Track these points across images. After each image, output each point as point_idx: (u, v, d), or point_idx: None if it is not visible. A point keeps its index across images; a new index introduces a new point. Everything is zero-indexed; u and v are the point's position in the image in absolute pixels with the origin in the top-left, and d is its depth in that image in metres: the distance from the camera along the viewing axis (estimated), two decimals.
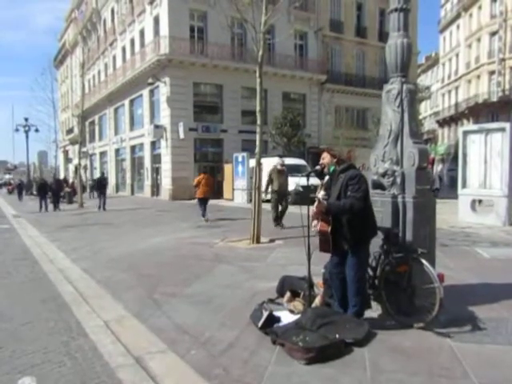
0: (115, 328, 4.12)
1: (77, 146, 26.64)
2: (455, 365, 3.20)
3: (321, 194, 3.93)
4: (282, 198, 10.99)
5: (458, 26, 44.50)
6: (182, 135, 24.07)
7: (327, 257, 4.17)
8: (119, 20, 32.20)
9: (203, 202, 13.14)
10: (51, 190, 19.86)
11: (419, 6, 33.24)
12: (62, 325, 4.28)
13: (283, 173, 11.13)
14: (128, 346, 3.67)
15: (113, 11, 33.88)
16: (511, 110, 33.05)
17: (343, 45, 30.67)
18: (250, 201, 11.71)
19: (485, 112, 36.93)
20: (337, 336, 3.53)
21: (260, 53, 9.03)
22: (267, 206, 11.11)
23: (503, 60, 36.53)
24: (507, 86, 36.12)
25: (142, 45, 27.85)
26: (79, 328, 4.17)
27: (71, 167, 47.59)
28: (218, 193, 24.11)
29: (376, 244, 4.23)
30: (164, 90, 24.56)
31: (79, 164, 23.56)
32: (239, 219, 12.88)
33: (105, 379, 3.13)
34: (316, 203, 3.75)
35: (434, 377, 3.03)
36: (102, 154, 37.64)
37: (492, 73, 37.83)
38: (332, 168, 3.97)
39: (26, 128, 35.66)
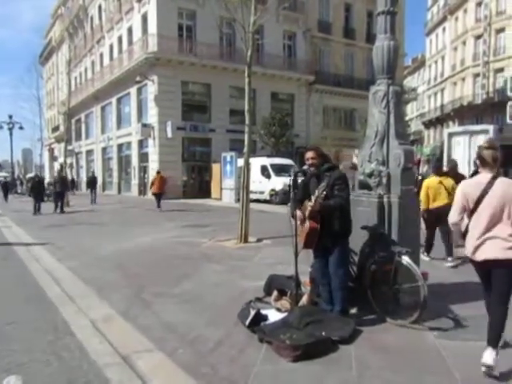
0: (102, 327, 4.10)
1: (62, 144, 26.34)
2: (439, 361, 3.27)
3: (316, 194, 3.97)
4: None
5: (444, 29, 45.18)
6: (169, 134, 23.95)
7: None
8: (107, 17, 31.90)
9: (158, 196, 16.85)
10: (55, 189, 17.67)
11: (406, 8, 33.67)
12: (49, 324, 4.24)
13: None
14: (115, 345, 3.65)
15: (100, 8, 33.55)
16: (495, 112, 33.64)
17: (331, 46, 30.87)
18: (238, 200, 11.71)
19: (469, 114, 37.55)
20: (323, 334, 3.58)
21: (249, 53, 9.05)
22: (254, 206, 11.12)
23: (487, 63, 37.20)
24: (491, 89, 36.78)
25: (130, 43, 27.65)
26: (66, 327, 4.14)
27: (56, 165, 46.92)
28: (206, 192, 24.11)
29: (361, 243, 4.30)
30: (152, 88, 24.41)
31: (65, 162, 23.27)
32: (227, 219, 12.87)
33: (92, 378, 3.12)
34: (311, 203, 3.82)
35: (418, 373, 3.09)
36: (89, 153, 37.23)
37: (477, 75, 38.49)
38: (322, 169, 4.04)
39: (10, 125, 35.08)
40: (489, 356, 2.99)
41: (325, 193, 3.82)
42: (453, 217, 3.38)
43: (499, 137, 11.20)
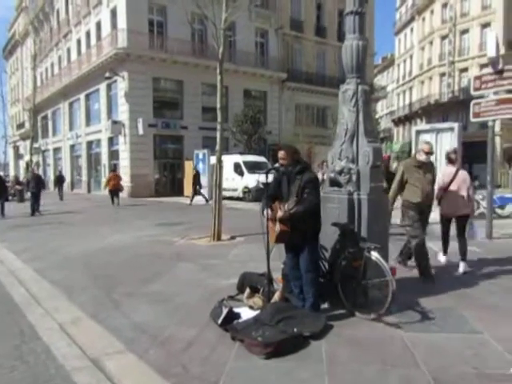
0: (70, 330, 4.00)
1: (28, 142, 25.44)
2: (406, 354, 3.37)
3: (286, 206, 3.93)
4: (426, 216, 5.73)
5: (411, 29, 46.26)
6: (140, 131, 23.57)
7: None
8: (74, 11, 31.00)
9: (114, 193, 17.95)
10: (29, 189, 16.15)
11: (376, 8, 34.28)
12: (14, 328, 4.11)
13: (429, 169, 5.70)
14: (84, 348, 3.57)
15: (67, 1, 32.53)
16: (460, 110, 34.75)
17: (303, 44, 31.08)
18: (211, 198, 11.65)
19: (436, 112, 38.64)
20: (295, 330, 3.62)
21: (220, 50, 8.99)
22: (227, 203, 11.07)
23: (453, 63, 38.34)
24: (456, 88, 37.96)
25: (99, 38, 26.97)
26: (32, 331, 4.02)
27: (22, 164, 45.33)
28: (178, 190, 23.85)
29: (332, 240, 4.36)
30: (122, 84, 23.92)
31: (31, 160, 22.54)
32: (200, 216, 12.78)
33: (59, 383, 3.04)
34: (281, 212, 3.85)
35: (387, 366, 3.17)
36: (56, 150, 36.11)
37: (443, 75, 39.61)
38: (294, 171, 4.05)
39: None
40: (464, 266, 5.76)
41: (294, 207, 3.85)
42: (438, 191, 5.90)
43: (462, 134, 11.55)
